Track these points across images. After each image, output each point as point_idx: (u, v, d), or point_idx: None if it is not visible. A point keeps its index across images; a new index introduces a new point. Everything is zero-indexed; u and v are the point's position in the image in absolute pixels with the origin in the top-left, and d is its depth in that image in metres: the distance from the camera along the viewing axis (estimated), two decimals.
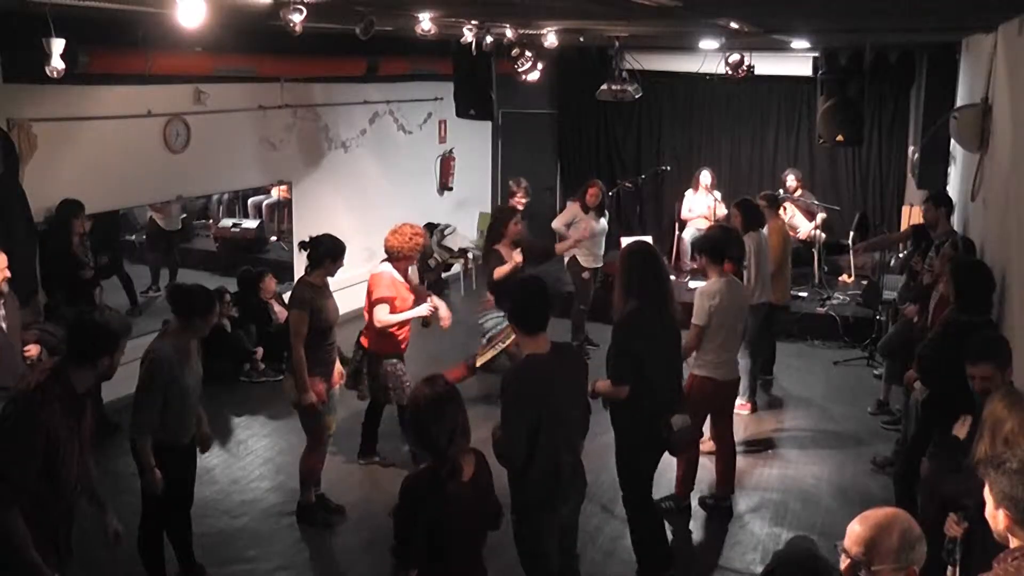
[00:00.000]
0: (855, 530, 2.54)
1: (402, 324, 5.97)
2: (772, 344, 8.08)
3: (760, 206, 7.80)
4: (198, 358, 4.69)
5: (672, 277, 6.11)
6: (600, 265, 8.86)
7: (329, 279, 5.52)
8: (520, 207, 8.33)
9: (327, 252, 5.37)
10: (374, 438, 6.42)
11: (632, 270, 4.78)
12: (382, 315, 5.85)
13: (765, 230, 7.46)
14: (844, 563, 2.51)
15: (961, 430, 3.61)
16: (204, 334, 4.66)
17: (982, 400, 4.04)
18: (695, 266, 6.71)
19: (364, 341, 6.06)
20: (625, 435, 4.85)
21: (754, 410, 7.50)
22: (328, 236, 5.46)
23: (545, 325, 3.94)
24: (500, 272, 7.22)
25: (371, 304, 5.95)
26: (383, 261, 6.05)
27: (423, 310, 5.97)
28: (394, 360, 6.02)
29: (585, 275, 8.62)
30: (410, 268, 6.20)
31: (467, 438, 3.28)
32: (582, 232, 8.52)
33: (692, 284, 6.10)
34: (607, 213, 9.03)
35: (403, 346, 6.10)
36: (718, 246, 5.67)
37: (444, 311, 6.19)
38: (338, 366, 5.72)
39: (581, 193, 8.73)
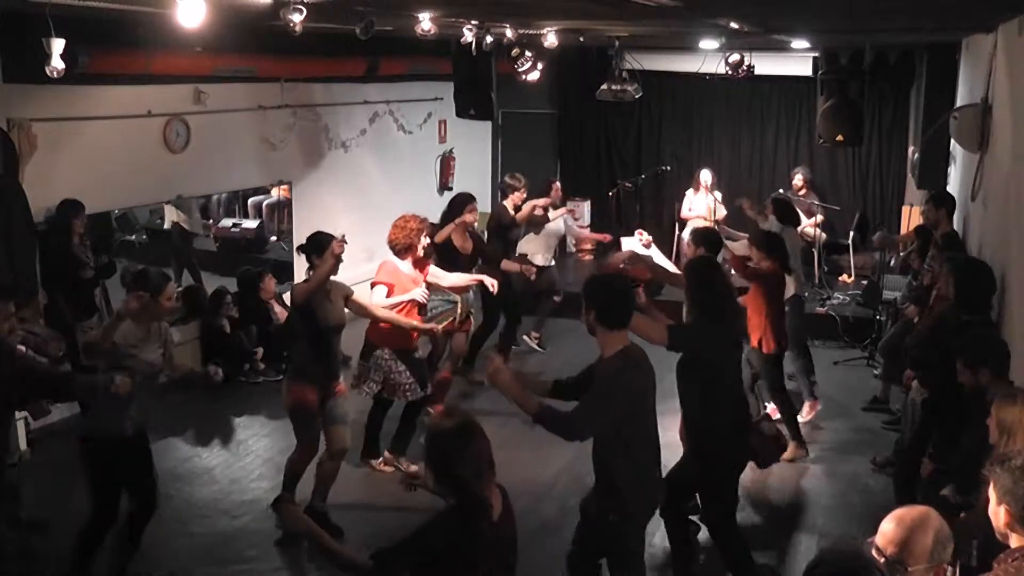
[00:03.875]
0: (889, 530, 2.54)
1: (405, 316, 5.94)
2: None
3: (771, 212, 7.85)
4: (159, 344, 4.68)
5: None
6: (552, 265, 8.90)
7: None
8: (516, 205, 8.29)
9: (310, 249, 5.35)
10: (375, 439, 6.36)
11: (697, 285, 4.75)
12: (378, 297, 5.86)
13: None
14: (879, 562, 2.52)
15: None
16: (161, 317, 4.68)
17: (971, 395, 4.07)
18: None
19: (373, 335, 6.05)
20: (712, 448, 4.65)
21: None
22: (313, 234, 5.43)
23: (629, 323, 3.92)
24: (441, 236, 7.10)
25: (370, 288, 5.98)
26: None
27: (416, 294, 5.91)
28: (388, 353, 5.96)
29: (532, 275, 7.90)
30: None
31: (493, 471, 3.02)
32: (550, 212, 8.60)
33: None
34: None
35: (406, 342, 6.01)
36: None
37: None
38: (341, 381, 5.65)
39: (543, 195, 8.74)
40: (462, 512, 2.90)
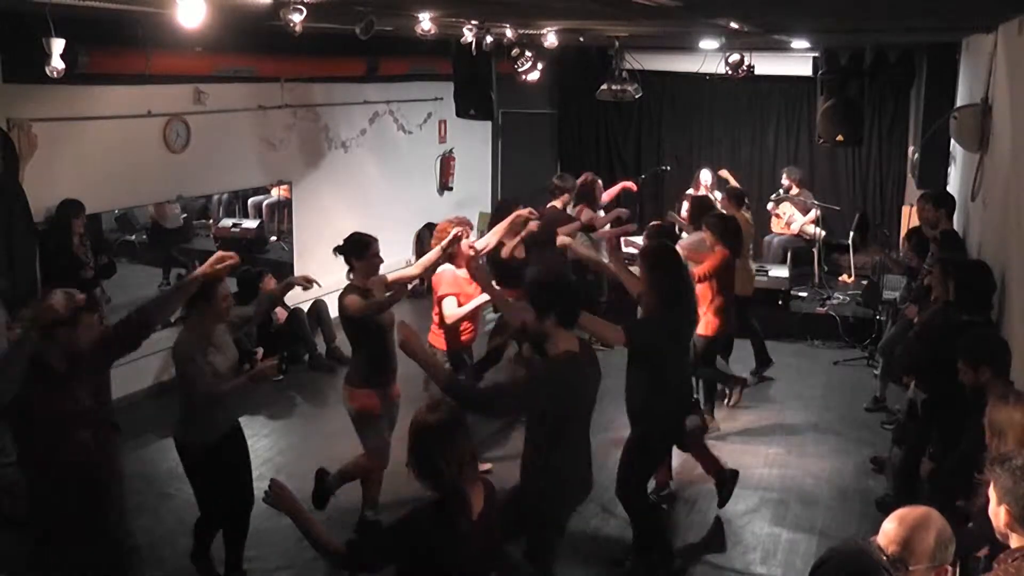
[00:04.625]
0: (891, 529, 2.55)
1: (470, 319, 5.97)
2: (758, 337, 8.18)
3: (723, 202, 8.10)
4: (228, 344, 4.65)
5: None
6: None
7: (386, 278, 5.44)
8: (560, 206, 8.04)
9: (348, 252, 5.27)
10: None
11: (655, 270, 4.88)
12: (450, 309, 5.85)
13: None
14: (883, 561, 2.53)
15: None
16: (223, 319, 4.63)
17: (972, 394, 4.07)
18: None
19: (440, 343, 5.99)
20: (650, 431, 4.93)
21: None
22: (351, 235, 5.36)
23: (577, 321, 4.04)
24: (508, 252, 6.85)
25: (437, 302, 5.95)
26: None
27: (485, 298, 5.73)
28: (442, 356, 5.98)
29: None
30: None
31: (475, 467, 3.04)
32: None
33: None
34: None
35: (468, 342, 6.09)
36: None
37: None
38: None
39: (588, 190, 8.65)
40: (441, 507, 2.90)
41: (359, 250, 5.26)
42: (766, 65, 9.60)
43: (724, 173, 10.23)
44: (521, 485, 4.09)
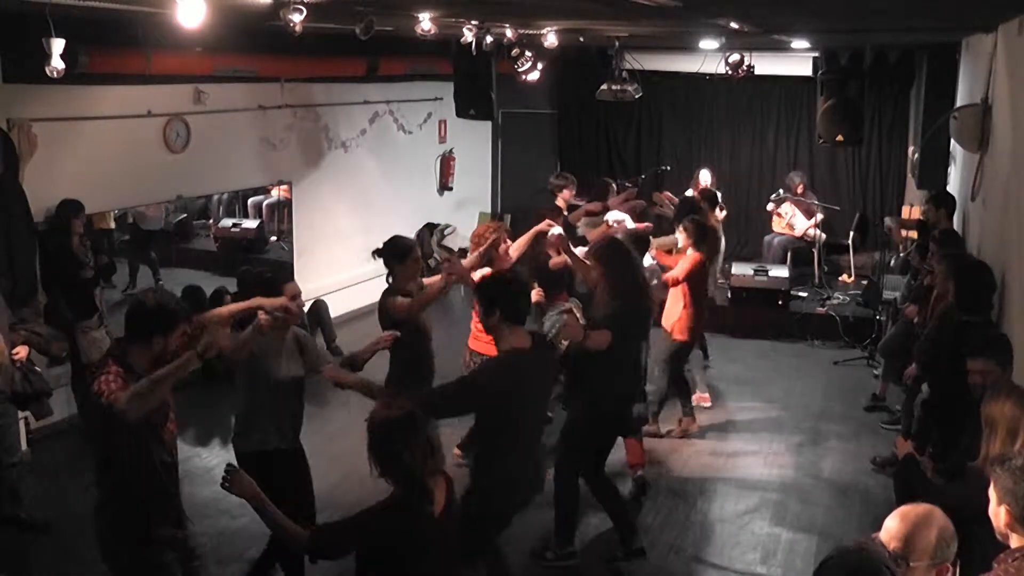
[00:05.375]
0: (893, 526, 2.56)
1: None
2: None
3: (697, 201, 8.15)
4: (293, 353, 4.50)
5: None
6: None
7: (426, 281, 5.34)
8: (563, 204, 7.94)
9: (389, 256, 5.16)
10: None
11: (612, 267, 5.08)
12: None
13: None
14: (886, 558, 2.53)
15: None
16: (291, 324, 4.44)
17: (979, 396, 4.07)
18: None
19: (489, 349, 5.89)
20: (590, 414, 5.07)
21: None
22: (391, 239, 5.24)
23: (526, 316, 4.11)
24: (556, 263, 6.61)
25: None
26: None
27: (533, 296, 5.61)
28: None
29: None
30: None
31: (437, 459, 3.05)
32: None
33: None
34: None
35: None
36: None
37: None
38: None
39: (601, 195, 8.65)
40: (404, 502, 2.94)
41: (400, 254, 5.14)
42: (766, 65, 9.60)
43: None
44: (467, 491, 4.06)
